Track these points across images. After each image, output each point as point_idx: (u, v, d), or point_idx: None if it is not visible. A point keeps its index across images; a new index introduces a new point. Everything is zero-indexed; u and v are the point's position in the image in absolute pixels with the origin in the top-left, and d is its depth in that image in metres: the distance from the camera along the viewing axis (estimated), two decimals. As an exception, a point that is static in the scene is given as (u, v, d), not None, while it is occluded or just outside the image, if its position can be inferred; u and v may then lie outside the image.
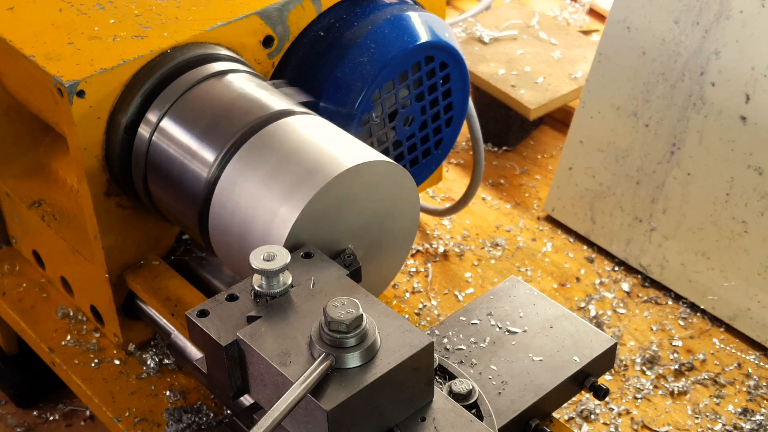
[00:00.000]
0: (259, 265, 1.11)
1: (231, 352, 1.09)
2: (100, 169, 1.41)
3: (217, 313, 1.12)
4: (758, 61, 1.87)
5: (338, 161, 1.21)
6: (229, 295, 1.14)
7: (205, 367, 1.14)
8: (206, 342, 1.11)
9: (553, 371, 1.28)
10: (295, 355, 1.05)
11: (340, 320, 1.03)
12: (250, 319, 1.11)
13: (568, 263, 2.15)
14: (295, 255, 1.17)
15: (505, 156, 2.46)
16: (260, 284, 1.12)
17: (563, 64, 2.43)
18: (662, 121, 2.03)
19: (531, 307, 1.37)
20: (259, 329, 1.08)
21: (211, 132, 1.32)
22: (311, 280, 1.15)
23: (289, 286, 1.13)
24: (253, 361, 1.08)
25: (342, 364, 1.04)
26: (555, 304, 1.37)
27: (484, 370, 1.28)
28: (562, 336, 1.33)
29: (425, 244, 2.20)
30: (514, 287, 1.40)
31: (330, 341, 1.04)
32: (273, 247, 1.12)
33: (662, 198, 2.05)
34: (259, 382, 1.09)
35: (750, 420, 1.80)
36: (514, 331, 1.33)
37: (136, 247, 1.50)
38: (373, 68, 1.52)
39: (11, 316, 1.70)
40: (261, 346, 1.06)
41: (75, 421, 1.88)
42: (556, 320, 1.35)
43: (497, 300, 1.38)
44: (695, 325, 2.00)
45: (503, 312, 1.36)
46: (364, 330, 1.05)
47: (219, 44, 1.46)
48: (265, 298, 1.12)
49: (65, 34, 1.44)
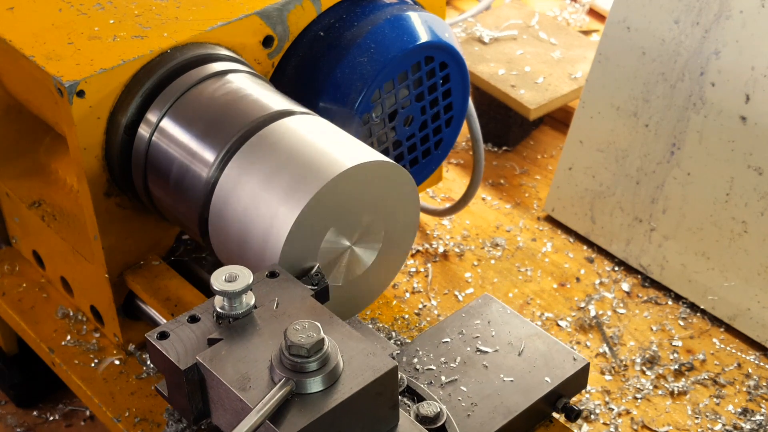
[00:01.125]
0: (221, 287, 1.08)
1: (191, 376, 1.06)
2: (100, 169, 1.41)
3: (177, 335, 1.09)
4: (758, 61, 1.87)
5: (338, 161, 1.21)
6: (191, 316, 1.12)
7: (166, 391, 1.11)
8: (166, 365, 1.08)
9: (523, 392, 1.26)
10: (255, 380, 1.03)
11: (300, 344, 1.00)
12: (210, 342, 1.08)
13: (568, 263, 2.15)
14: (260, 274, 1.15)
15: (505, 156, 2.46)
16: (222, 305, 1.10)
17: (563, 64, 2.43)
18: (662, 121, 2.03)
19: (503, 326, 1.35)
20: (220, 352, 1.06)
21: (211, 132, 1.32)
22: (275, 300, 1.12)
23: (252, 307, 1.10)
24: (212, 385, 1.06)
25: (303, 389, 1.01)
26: (528, 322, 1.36)
27: (453, 392, 1.26)
28: (534, 356, 1.31)
29: (425, 244, 2.20)
30: (486, 305, 1.38)
31: (290, 366, 1.01)
32: (235, 268, 1.10)
33: (662, 198, 2.05)
34: (219, 406, 1.06)
35: (750, 420, 1.80)
36: (486, 351, 1.32)
37: (136, 247, 1.50)
38: (373, 68, 1.52)
39: (11, 316, 1.70)
40: (220, 370, 1.04)
41: (75, 421, 1.88)
42: (529, 339, 1.33)
43: (469, 318, 1.36)
44: (695, 325, 2.00)
45: (475, 331, 1.34)
46: (326, 354, 1.02)
47: (219, 44, 1.46)
48: (228, 320, 1.10)
49: (65, 34, 1.44)
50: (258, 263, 1.22)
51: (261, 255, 1.22)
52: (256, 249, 1.22)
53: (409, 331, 1.48)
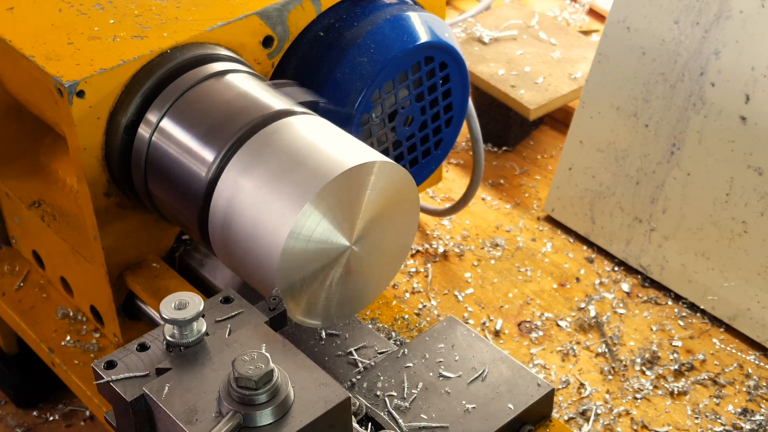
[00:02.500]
0: (170, 315, 1.05)
1: (138, 407, 1.04)
2: (100, 170, 1.41)
3: (125, 363, 1.07)
4: (758, 61, 1.87)
5: (338, 161, 1.21)
6: (140, 344, 1.09)
7: (114, 420, 1.09)
8: (112, 396, 1.06)
9: (486, 420, 1.23)
10: (203, 412, 0.99)
11: (248, 376, 0.97)
12: (159, 372, 1.05)
13: (567, 263, 2.15)
14: (213, 300, 1.14)
15: (504, 156, 2.46)
16: (172, 333, 1.07)
17: (563, 65, 2.43)
18: (662, 122, 2.03)
19: (468, 350, 1.32)
20: (168, 382, 1.03)
21: (211, 132, 1.32)
22: (227, 327, 1.10)
23: (203, 335, 1.08)
24: (159, 417, 1.03)
25: (252, 422, 0.98)
26: (492, 346, 1.33)
27: (414, 419, 1.23)
28: (497, 381, 1.28)
29: (425, 244, 2.20)
30: (451, 328, 1.35)
31: (239, 398, 0.99)
32: (185, 295, 1.07)
33: (662, 198, 2.05)
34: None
35: (750, 420, 1.80)
36: (448, 376, 1.29)
37: (136, 247, 1.50)
38: (372, 68, 1.52)
39: (11, 316, 1.70)
40: (167, 402, 1.01)
41: (75, 422, 1.88)
42: (493, 364, 1.30)
43: (433, 342, 1.34)
44: (695, 326, 2.00)
45: (439, 355, 1.32)
46: (275, 385, 0.99)
47: (219, 44, 1.46)
48: (178, 348, 1.07)
49: (65, 34, 1.44)
50: (258, 263, 1.22)
51: (261, 255, 1.21)
52: (256, 249, 1.22)
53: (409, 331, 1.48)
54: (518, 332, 1.99)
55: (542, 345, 1.96)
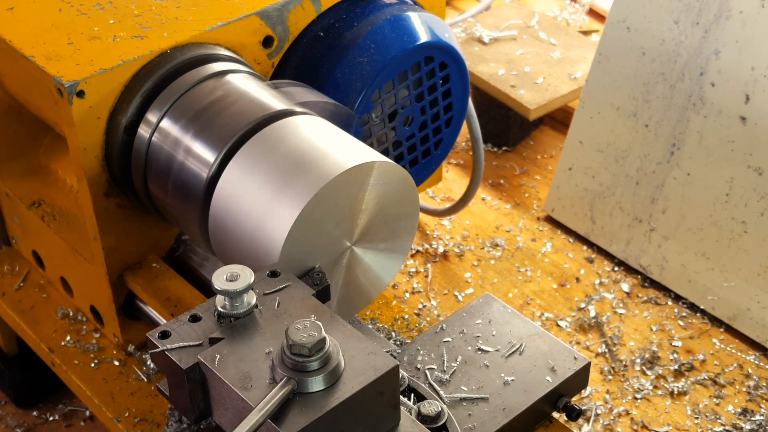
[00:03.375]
0: (222, 286, 1.08)
1: (192, 375, 1.06)
2: (100, 170, 1.41)
3: (179, 334, 1.09)
4: (758, 62, 1.87)
5: (338, 161, 1.21)
6: (192, 315, 1.12)
7: (167, 390, 1.11)
8: (167, 365, 1.08)
9: (524, 392, 1.26)
10: (257, 379, 1.03)
11: (302, 343, 1.00)
12: (212, 341, 1.08)
13: (567, 263, 2.15)
14: (261, 274, 1.15)
15: (504, 156, 2.46)
16: (223, 305, 1.10)
17: (563, 65, 2.43)
18: (662, 122, 2.03)
19: (504, 325, 1.35)
20: (221, 351, 1.06)
21: (211, 132, 1.32)
22: (276, 300, 1.12)
23: (253, 307, 1.11)
24: (214, 384, 1.06)
25: (304, 388, 1.01)
26: (529, 322, 1.35)
27: (454, 391, 1.25)
28: (534, 355, 1.30)
29: (425, 245, 2.20)
30: (487, 304, 1.38)
31: (292, 365, 1.01)
32: (236, 267, 1.10)
33: (662, 198, 2.05)
34: (220, 405, 1.06)
35: (750, 420, 1.80)
36: (487, 350, 1.31)
37: (136, 248, 1.50)
38: (372, 68, 1.52)
39: (11, 317, 1.70)
40: (222, 370, 1.04)
41: (75, 422, 1.88)
42: (530, 339, 1.32)
43: (470, 317, 1.36)
44: (695, 326, 2.00)
45: (476, 330, 1.34)
46: (327, 353, 1.02)
47: (219, 44, 1.46)
48: (229, 319, 1.10)
49: (65, 34, 1.44)
50: (258, 263, 1.22)
51: (261, 255, 1.21)
52: (256, 249, 1.22)
53: (409, 331, 1.48)
54: (518, 332, 1.99)
55: (542, 345, 1.96)
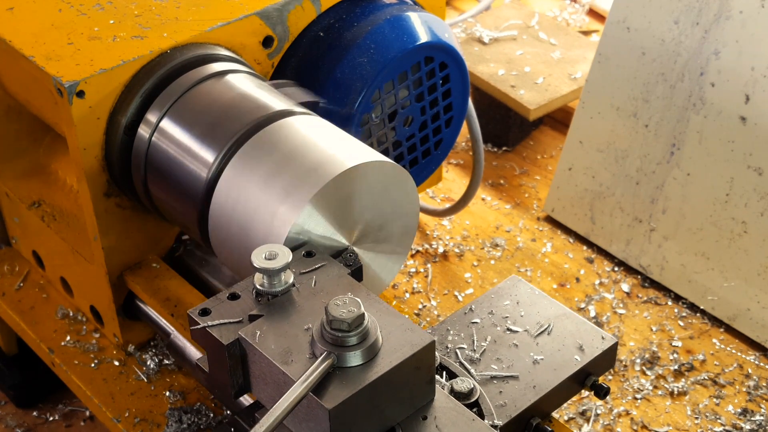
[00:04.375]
0: (261, 264, 1.11)
1: (233, 351, 1.09)
2: (100, 170, 1.41)
3: (218, 311, 1.12)
4: (758, 62, 1.87)
5: (338, 161, 1.21)
6: (231, 293, 1.14)
7: (206, 366, 1.14)
8: (208, 341, 1.11)
9: (554, 370, 1.28)
10: (297, 354, 1.05)
11: (341, 319, 1.03)
12: (251, 318, 1.11)
13: (567, 264, 2.15)
14: (297, 254, 1.17)
15: (504, 156, 2.46)
16: (262, 283, 1.12)
17: (563, 65, 2.43)
18: (662, 122, 2.03)
19: (532, 306, 1.37)
20: (261, 328, 1.08)
21: (211, 132, 1.32)
22: (313, 278, 1.15)
23: (290, 285, 1.13)
24: (255, 359, 1.08)
25: (344, 362, 1.04)
26: (556, 303, 1.38)
27: (485, 369, 1.28)
28: (563, 335, 1.33)
29: (425, 245, 2.20)
30: (515, 286, 1.40)
31: (332, 340, 1.04)
32: (275, 246, 1.12)
33: (662, 198, 2.05)
34: (261, 380, 1.09)
35: (750, 420, 1.80)
36: (516, 330, 1.33)
37: (136, 248, 1.50)
38: (372, 69, 1.52)
39: (11, 317, 1.70)
40: (263, 345, 1.06)
41: (75, 422, 1.88)
42: (557, 319, 1.35)
43: (498, 299, 1.38)
44: (695, 326, 2.00)
45: (504, 311, 1.36)
46: (366, 329, 1.05)
47: (219, 45, 1.46)
48: (267, 297, 1.13)
49: (65, 34, 1.44)
50: (258, 263, 1.22)
51: (261, 255, 1.22)
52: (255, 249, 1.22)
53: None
54: (518, 332, 1.99)
55: (542, 345, 1.96)
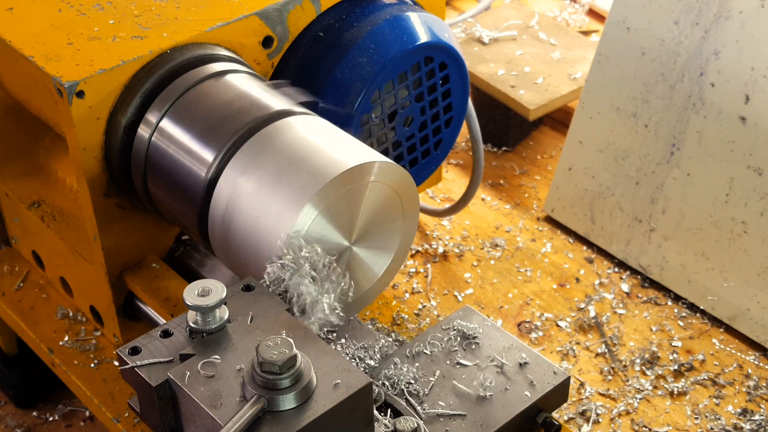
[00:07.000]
0: (193, 301, 1.07)
1: (162, 393, 1.05)
2: (100, 170, 1.41)
3: (149, 350, 1.08)
4: (758, 62, 1.87)
5: (338, 161, 1.21)
6: (163, 331, 1.10)
7: (138, 406, 1.10)
8: (137, 381, 1.07)
9: (503, 407, 1.24)
10: (227, 397, 1.01)
11: (272, 361, 0.99)
12: (183, 358, 1.07)
13: (567, 264, 2.15)
14: (235, 288, 1.14)
15: (504, 156, 2.46)
16: (195, 320, 1.09)
17: (563, 65, 2.43)
18: (662, 122, 2.03)
19: (484, 339, 1.33)
20: (192, 368, 1.04)
21: (211, 132, 1.32)
22: (249, 315, 1.11)
23: (225, 322, 1.09)
24: (184, 401, 1.04)
25: (275, 406, 1.00)
26: (508, 335, 1.33)
27: (432, 406, 1.24)
28: (514, 369, 1.29)
29: (425, 245, 2.20)
30: (467, 317, 1.36)
31: (262, 382, 1.00)
32: (208, 282, 1.09)
33: (662, 198, 2.05)
34: (191, 423, 1.05)
35: (750, 420, 1.80)
36: (465, 364, 1.30)
37: (136, 248, 1.50)
38: (372, 69, 1.52)
39: (11, 317, 1.70)
40: (191, 387, 1.02)
41: (75, 422, 1.88)
42: (509, 352, 1.31)
43: (450, 330, 1.34)
44: (695, 326, 2.00)
45: (455, 343, 1.33)
46: (299, 370, 1.01)
47: (218, 45, 1.46)
48: (201, 335, 1.09)
49: (65, 34, 1.44)
50: (258, 264, 1.22)
51: (261, 255, 1.21)
52: (255, 249, 1.22)
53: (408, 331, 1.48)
54: (518, 332, 1.99)
55: (542, 345, 1.96)
